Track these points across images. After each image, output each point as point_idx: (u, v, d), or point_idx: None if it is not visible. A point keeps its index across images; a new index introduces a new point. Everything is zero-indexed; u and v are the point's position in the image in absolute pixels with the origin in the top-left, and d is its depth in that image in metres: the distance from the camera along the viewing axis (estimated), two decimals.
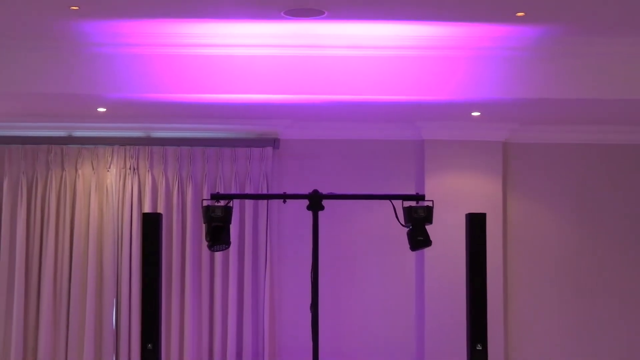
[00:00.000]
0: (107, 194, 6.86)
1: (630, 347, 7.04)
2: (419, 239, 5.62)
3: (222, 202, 5.63)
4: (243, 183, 6.92)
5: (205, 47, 6.07)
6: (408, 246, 5.78)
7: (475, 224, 5.89)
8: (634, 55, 6.02)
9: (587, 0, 5.15)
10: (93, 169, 6.86)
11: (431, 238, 5.67)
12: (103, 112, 6.56)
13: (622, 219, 7.12)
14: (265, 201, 6.86)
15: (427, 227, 5.63)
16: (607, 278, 7.07)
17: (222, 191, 6.64)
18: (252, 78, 6.09)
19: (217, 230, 5.59)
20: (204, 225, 5.75)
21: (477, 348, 5.75)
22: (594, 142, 7.13)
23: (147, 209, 6.79)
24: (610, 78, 6.04)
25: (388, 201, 5.82)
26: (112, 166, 6.88)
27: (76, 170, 6.85)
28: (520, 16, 5.40)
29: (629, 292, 7.08)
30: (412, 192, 6.35)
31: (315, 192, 5.61)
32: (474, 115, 6.66)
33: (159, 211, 6.59)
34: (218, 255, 6.79)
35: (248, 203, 6.86)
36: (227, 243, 5.66)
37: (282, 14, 5.36)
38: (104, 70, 6.06)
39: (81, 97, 6.19)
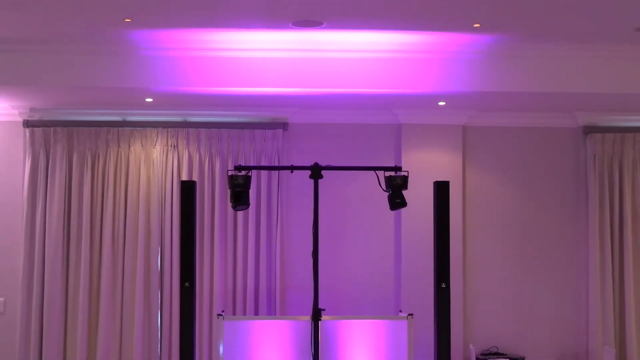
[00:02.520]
0: (153, 166, 6.83)
1: (558, 281, 7.05)
2: (397, 201, 5.71)
3: (242, 172, 5.67)
4: (259, 157, 6.90)
5: (229, 50, 6.00)
6: (388, 207, 5.85)
7: (441, 190, 5.91)
8: (563, 57, 6.00)
9: (527, 15, 5.15)
10: (142, 146, 6.83)
11: (406, 200, 5.75)
12: (150, 101, 6.56)
13: (552, 186, 7.14)
14: (277, 171, 6.83)
15: (403, 192, 5.71)
16: (541, 231, 7.09)
17: (243, 164, 6.64)
18: (266, 75, 6.07)
19: (239, 194, 5.66)
20: (228, 191, 5.77)
21: (442, 286, 5.80)
22: (533, 125, 7.11)
23: (184, 177, 6.76)
24: (545, 75, 6.05)
25: (373, 172, 5.97)
26: (157, 144, 6.84)
27: (129, 147, 6.81)
28: (476, 27, 5.41)
29: (557, 241, 7.10)
30: (392, 164, 6.46)
31: (316, 164, 5.71)
32: (440, 105, 6.65)
33: (193, 179, 6.57)
34: (240, 214, 6.78)
35: (263, 173, 6.84)
36: (247, 204, 5.72)
37: (290, 24, 5.38)
38: (149, 69, 6.05)
39: (133, 90, 6.18)
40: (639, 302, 6.91)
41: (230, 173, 5.74)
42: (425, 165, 6.88)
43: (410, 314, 5.95)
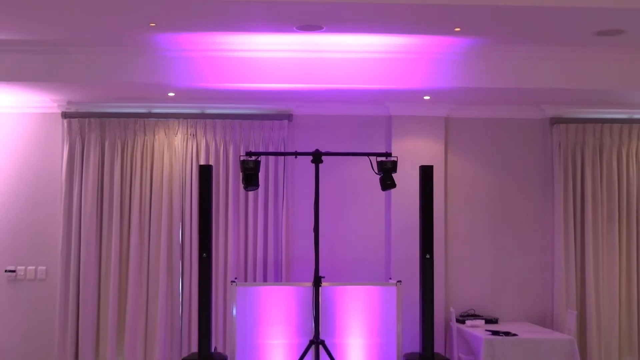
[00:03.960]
0: (175, 152, 6.82)
1: (527, 253, 7.07)
2: (387, 183, 5.77)
3: (253, 158, 5.74)
4: (267, 144, 6.87)
5: (240, 51, 5.97)
6: (380, 188, 5.92)
7: (426, 173, 5.98)
8: (533, 57, 6.00)
9: (502, 20, 5.13)
10: (165, 135, 6.83)
11: (396, 182, 5.82)
12: (172, 96, 6.53)
13: (523, 170, 7.13)
14: (283, 157, 6.80)
15: (393, 175, 5.78)
16: (513, 209, 7.10)
17: (253, 150, 6.61)
18: (273, 72, 6.04)
19: (249, 177, 5.71)
20: (240, 173, 5.85)
21: (426, 257, 5.88)
22: (506, 117, 7.10)
23: (202, 162, 6.77)
24: (517, 73, 6.04)
25: (366, 157, 6.01)
26: (178, 133, 6.83)
27: (154, 135, 6.82)
28: (457, 31, 5.39)
29: (527, 218, 7.10)
30: (383, 151, 6.49)
31: (317, 150, 5.79)
32: (425, 99, 6.64)
33: (210, 164, 6.57)
34: (250, 194, 6.79)
35: (271, 158, 6.83)
36: (257, 185, 5.79)
37: (294, 28, 5.36)
38: (171, 68, 6.03)
39: (156, 85, 6.16)
40: (597, 271, 6.91)
41: (242, 158, 5.83)
42: (412, 152, 6.87)
43: (399, 281, 5.98)
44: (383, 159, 5.80)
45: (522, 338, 5.93)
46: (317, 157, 5.78)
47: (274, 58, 6.03)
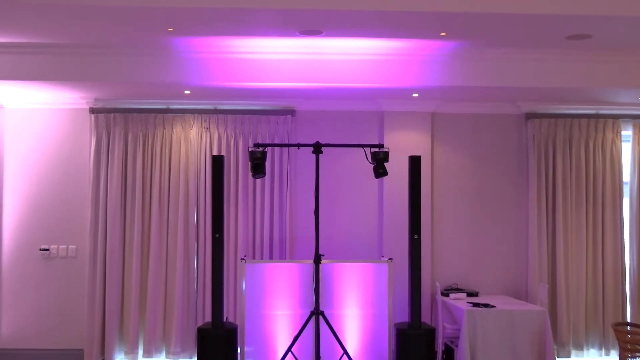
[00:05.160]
0: (191, 144, 6.80)
1: (504, 233, 7.06)
2: (380, 171, 5.77)
3: (260, 149, 5.74)
4: (273, 137, 6.84)
5: (249, 53, 5.95)
6: (373, 176, 5.92)
7: (414, 162, 5.98)
8: (510, 59, 5.98)
9: (482, 27, 5.12)
10: (182, 128, 6.81)
11: (387, 171, 5.83)
12: (188, 93, 6.51)
13: (501, 160, 7.11)
14: (287, 148, 6.77)
15: (385, 164, 5.78)
16: (492, 194, 7.09)
17: (260, 142, 6.58)
18: (278, 72, 6.02)
19: (257, 166, 5.71)
20: (249, 163, 5.84)
21: (415, 237, 5.89)
22: (486, 112, 7.08)
23: (215, 152, 6.75)
24: (496, 73, 6.02)
25: (361, 148, 5.98)
26: (193, 127, 6.81)
27: (172, 129, 6.80)
28: (443, 35, 5.37)
29: (504, 202, 7.10)
30: (376, 143, 6.46)
31: (317, 142, 5.78)
32: (414, 96, 6.62)
33: (222, 154, 6.52)
34: (258, 181, 6.78)
35: (276, 149, 6.81)
36: (264, 173, 5.78)
37: (297, 33, 5.32)
38: (187, 68, 6.00)
39: (174, 84, 6.14)
40: (566, 249, 6.93)
41: (250, 149, 5.83)
42: (402, 143, 6.85)
43: (390, 259, 6.00)
44: (376, 150, 5.79)
45: (499, 309, 5.95)
46: (317, 148, 5.77)
47: (278, 60, 6.02)
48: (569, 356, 6.87)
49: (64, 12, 4.81)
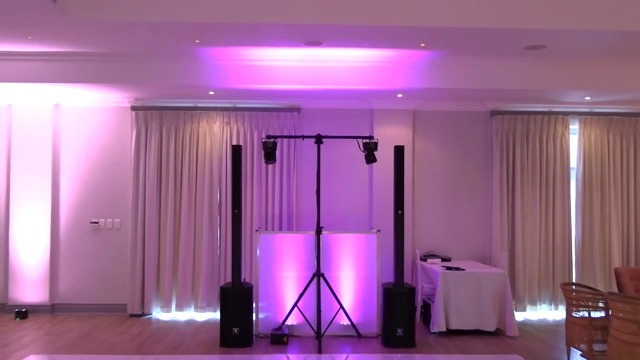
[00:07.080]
0: (214, 136, 6.77)
1: (473, 209, 7.04)
2: (370, 158, 5.64)
3: (271, 140, 5.66)
4: (282, 130, 6.79)
5: (261, 61, 5.94)
6: (365, 162, 5.89)
7: (398, 151, 5.78)
8: (478, 65, 5.95)
9: (455, 40, 5.09)
10: (207, 123, 6.79)
11: (377, 158, 5.79)
12: (212, 94, 6.49)
13: (470, 149, 7.07)
14: (293, 139, 6.76)
15: (375, 152, 5.74)
16: (463, 178, 7.06)
17: (271, 134, 6.58)
18: (286, 77, 5.99)
19: (269, 154, 5.61)
20: (262, 151, 5.79)
21: (399, 213, 5.72)
22: (458, 110, 7.05)
23: (234, 143, 6.72)
24: (467, 77, 5.99)
25: (355, 139, 5.99)
26: (217, 122, 6.79)
27: (199, 123, 6.77)
28: (423, 46, 5.36)
29: (473, 184, 7.06)
30: (367, 135, 6.53)
31: (319, 134, 5.62)
32: (399, 96, 6.60)
33: (240, 144, 6.22)
34: (270, 166, 6.75)
35: (284, 140, 6.78)
36: (274, 160, 5.67)
37: (302, 44, 5.31)
38: (210, 73, 5.99)
39: (200, 86, 6.11)
40: (524, 223, 6.92)
41: (263, 140, 5.77)
42: (388, 136, 6.84)
43: (379, 230, 5.97)
44: (367, 140, 5.71)
45: (468, 272, 5.93)
46: (318, 139, 5.67)
47: (286, 66, 6.02)
48: (524, 310, 6.90)
49: (111, 28, 4.82)
